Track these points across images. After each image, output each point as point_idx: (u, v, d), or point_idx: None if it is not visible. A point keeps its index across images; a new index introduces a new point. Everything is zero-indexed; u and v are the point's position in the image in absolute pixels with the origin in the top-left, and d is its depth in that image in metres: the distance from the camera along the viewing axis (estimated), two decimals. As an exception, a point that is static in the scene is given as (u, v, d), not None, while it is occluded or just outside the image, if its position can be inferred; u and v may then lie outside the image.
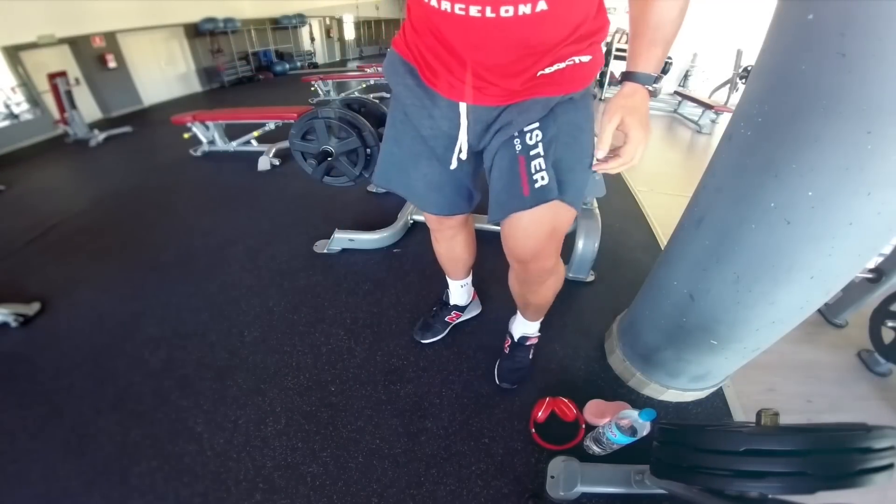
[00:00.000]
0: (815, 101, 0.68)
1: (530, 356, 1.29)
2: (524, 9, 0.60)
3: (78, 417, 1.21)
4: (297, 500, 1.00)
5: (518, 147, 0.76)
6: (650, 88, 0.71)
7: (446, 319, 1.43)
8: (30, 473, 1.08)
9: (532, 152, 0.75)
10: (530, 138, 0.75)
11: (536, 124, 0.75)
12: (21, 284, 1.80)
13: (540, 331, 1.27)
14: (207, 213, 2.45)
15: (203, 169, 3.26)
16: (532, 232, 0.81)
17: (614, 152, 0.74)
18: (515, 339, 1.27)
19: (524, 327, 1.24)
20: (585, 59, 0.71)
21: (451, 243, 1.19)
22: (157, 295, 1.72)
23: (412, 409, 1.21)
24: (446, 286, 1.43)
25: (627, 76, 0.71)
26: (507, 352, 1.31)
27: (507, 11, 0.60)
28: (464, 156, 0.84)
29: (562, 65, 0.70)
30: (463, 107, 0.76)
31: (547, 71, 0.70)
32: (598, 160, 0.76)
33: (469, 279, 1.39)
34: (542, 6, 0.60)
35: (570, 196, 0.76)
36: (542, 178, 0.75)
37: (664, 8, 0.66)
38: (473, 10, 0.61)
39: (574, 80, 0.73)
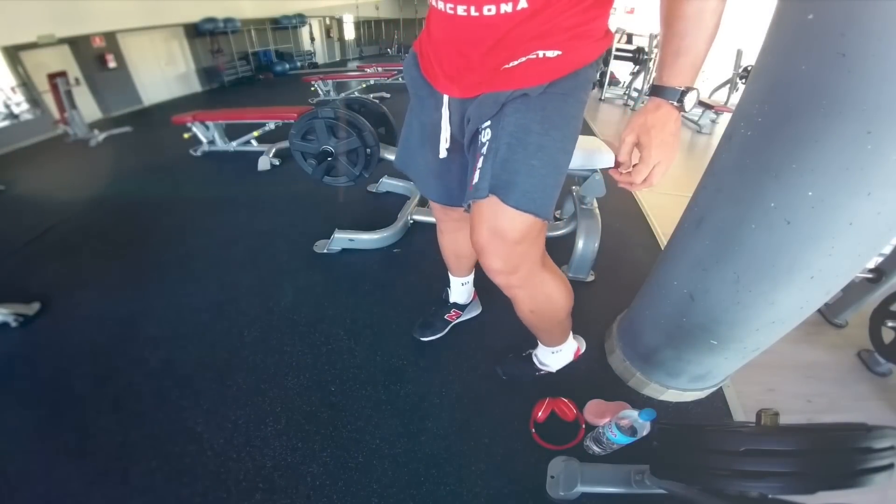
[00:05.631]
0: (815, 101, 0.68)
1: (535, 374, 1.26)
2: (506, 7, 0.63)
3: (78, 417, 1.21)
4: (297, 500, 1.00)
5: (478, 143, 0.78)
6: (675, 104, 0.65)
7: (446, 318, 1.43)
8: (30, 473, 1.08)
9: (483, 150, 0.76)
10: (484, 136, 0.76)
11: (488, 122, 0.75)
12: (21, 284, 1.79)
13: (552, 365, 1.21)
14: (207, 213, 2.45)
15: (203, 169, 3.26)
16: (475, 226, 0.80)
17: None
18: (535, 363, 1.23)
19: (539, 349, 1.20)
20: (553, 53, 0.67)
21: (455, 236, 1.19)
22: (157, 295, 1.72)
23: (412, 409, 1.21)
24: (447, 285, 1.43)
25: (653, 90, 0.67)
26: (524, 354, 1.27)
27: (489, 10, 0.64)
28: (447, 144, 0.85)
29: (523, 59, 0.68)
30: (445, 98, 0.81)
31: (509, 65, 0.70)
32: (620, 177, 0.73)
33: (471, 278, 1.39)
34: (522, 4, 0.62)
35: (515, 199, 0.72)
36: (476, 177, 0.76)
37: (691, 12, 0.60)
38: (461, 10, 0.66)
39: (530, 76, 0.70)
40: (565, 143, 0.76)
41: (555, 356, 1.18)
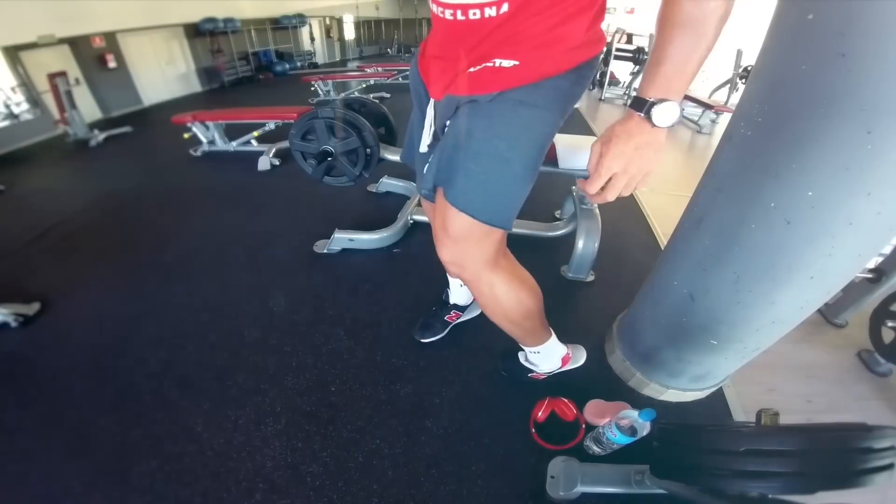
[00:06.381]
0: (815, 101, 0.68)
1: (528, 375, 1.25)
2: (490, 11, 0.64)
3: (78, 417, 1.21)
4: (297, 500, 1.00)
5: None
6: (642, 116, 0.59)
7: (446, 319, 1.43)
8: (30, 473, 1.08)
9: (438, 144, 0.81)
10: (443, 133, 0.81)
11: (448, 122, 0.79)
12: (21, 284, 1.79)
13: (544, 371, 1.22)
14: (207, 213, 2.45)
15: (203, 169, 3.26)
16: (435, 215, 0.85)
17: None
18: (521, 361, 1.24)
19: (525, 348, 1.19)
20: (508, 63, 0.67)
21: None
22: (157, 295, 1.72)
23: (412, 409, 1.21)
24: (447, 285, 1.43)
25: (632, 100, 0.62)
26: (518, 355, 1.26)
27: (474, 14, 0.65)
28: (428, 140, 0.88)
29: (482, 66, 0.69)
30: (431, 99, 0.84)
31: (471, 70, 0.71)
32: (582, 184, 0.70)
33: None
34: (504, 8, 0.63)
35: (452, 196, 0.77)
36: (424, 169, 0.84)
37: (680, 18, 0.54)
38: (448, 14, 0.67)
39: (481, 83, 0.70)
40: (510, 154, 0.74)
41: (535, 356, 1.18)
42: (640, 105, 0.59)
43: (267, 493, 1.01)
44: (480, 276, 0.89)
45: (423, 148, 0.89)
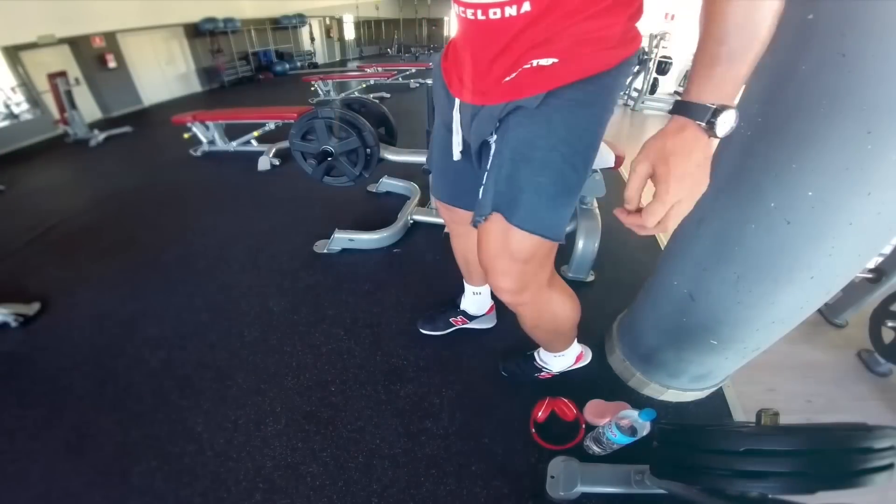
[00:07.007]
0: (815, 101, 0.68)
1: (535, 375, 1.25)
2: (510, 10, 0.61)
3: (78, 417, 1.21)
4: (297, 500, 1.00)
5: (486, 157, 0.77)
6: (703, 125, 0.50)
7: (450, 320, 1.42)
8: (30, 473, 1.08)
9: (488, 165, 0.74)
10: (490, 150, 0.74)
11: (494, 136, 0.73)
12: (21, 284, 1.80)
13: (554, 370, 1.22)
14: (207, 213, 2.45)
15: (203, 169, 3.26)
16: (481, 243, 0.78)
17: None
18: (536, 361, 1.23)
19: (541, 350, 1.20)
20: (547, 61, 0.62)
21: (465, 240, 1.18)
22: (157, 295, 1.72)
23: (412, 409, 1.21)
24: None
25: (676, 107, 0.52)
26: (527, 353, 1.26)
27: (495, 14, 0.62)
28: (459, 147, 0.85)
29: (518, 70, 0.65)
30: (457, 101, 0.80)
31: (507, 79, 0.66)
32: (627, 218, 0.57)
33: (483, 290, 1.34)
34: (526, 7, 0.59)
35: (520, 218, 0.70)
36: (480, 193, 0.75)
37: (735, 12, 0.47)
38: (469, 13, 0.65)
39: (522, 86, 0.65)
40: (575, 160, 0.68)
41: (556, 359, 1.18)
42: (700, 113, 0.50)
43: (267, 493, 1.01)
44: (539, 296, 0.85)
45: (457, 155, 0.84)
